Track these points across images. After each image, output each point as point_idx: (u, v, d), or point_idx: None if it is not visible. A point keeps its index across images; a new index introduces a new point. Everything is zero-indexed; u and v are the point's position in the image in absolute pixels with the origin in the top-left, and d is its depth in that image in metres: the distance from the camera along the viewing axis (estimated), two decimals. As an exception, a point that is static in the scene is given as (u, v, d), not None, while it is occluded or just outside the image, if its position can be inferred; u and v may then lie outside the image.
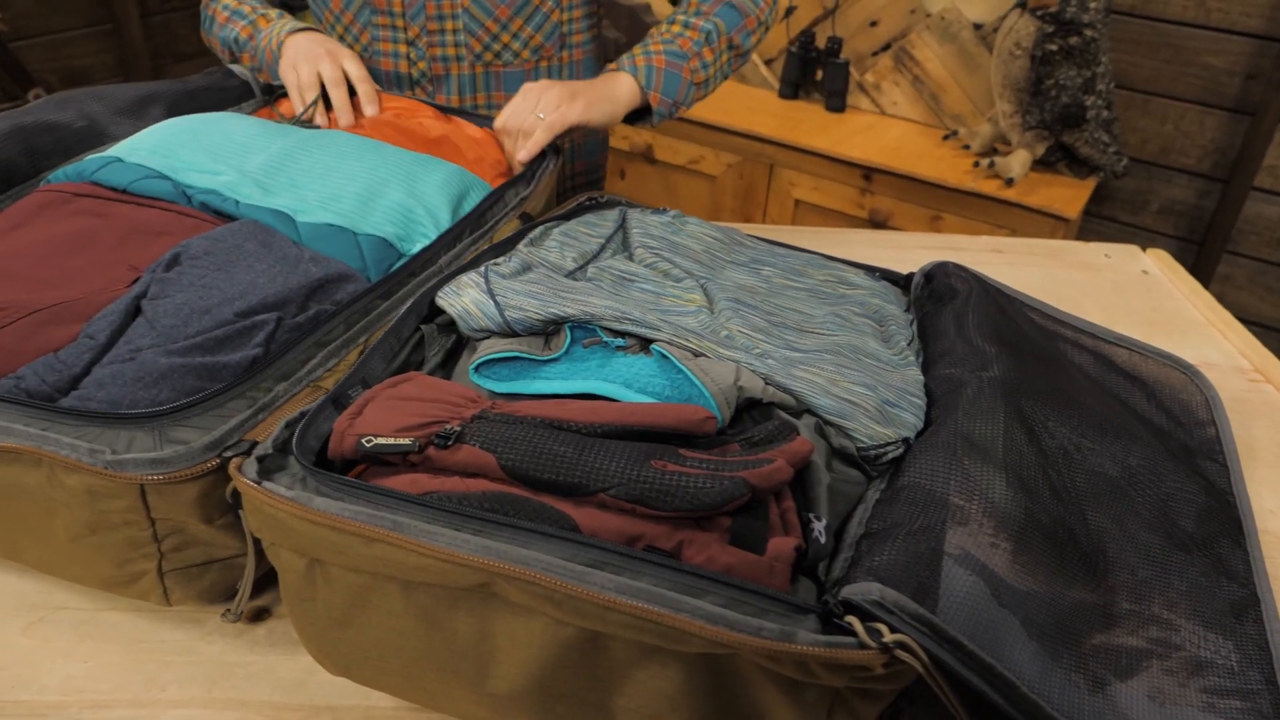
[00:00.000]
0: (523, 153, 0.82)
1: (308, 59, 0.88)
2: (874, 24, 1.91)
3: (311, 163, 0.73)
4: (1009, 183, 1.62)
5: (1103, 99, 1.56)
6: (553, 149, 0.85)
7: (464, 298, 0.59)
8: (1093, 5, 1.48)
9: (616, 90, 0.89)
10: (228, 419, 0.50)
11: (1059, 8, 1.49)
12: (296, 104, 0.88)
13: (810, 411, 0.53)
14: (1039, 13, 1.51)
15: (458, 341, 0.61)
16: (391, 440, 0.46)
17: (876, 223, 1.79)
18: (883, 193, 1.76)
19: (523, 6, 0.94)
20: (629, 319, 0.57)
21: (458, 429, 0.47)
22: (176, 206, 0.68)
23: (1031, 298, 0.78)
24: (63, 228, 0.65)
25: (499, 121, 0.85)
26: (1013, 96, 1.60)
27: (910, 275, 0.79)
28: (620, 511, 0.43)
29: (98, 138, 0.77)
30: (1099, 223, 1.95)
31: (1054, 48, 1.49)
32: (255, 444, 0.48)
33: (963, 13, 1.77)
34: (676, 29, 0.94)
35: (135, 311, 0.56)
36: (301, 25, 0.93)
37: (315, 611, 0.46)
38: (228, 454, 0.48)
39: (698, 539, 0.42)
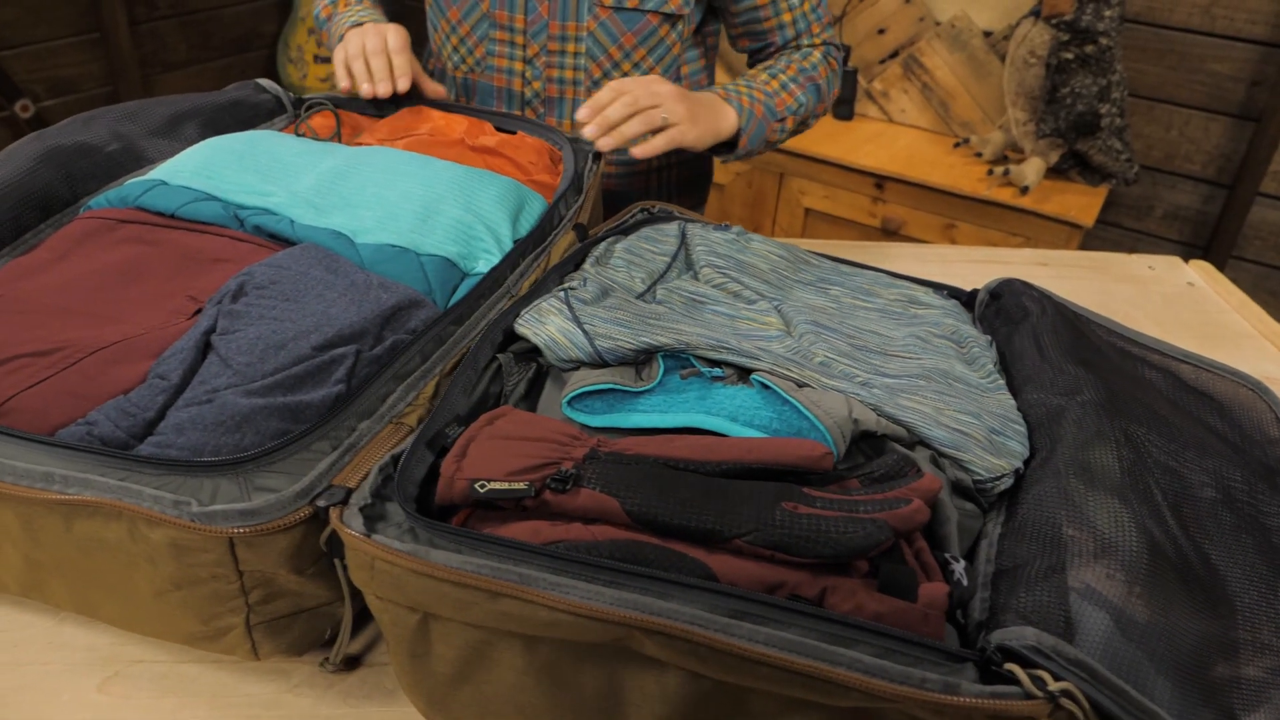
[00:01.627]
0: (639, 149, 0.79)
1: (356, 35, 0.88)
2: (882, 31, 1.91)
3: (363, 181, 0.70)
4: (1024, 191, 1.62)
5: (1116, 107, 1.57)
6: (595, 154, 0.82)
7: (548, 326, 0.57)
8: (1108, 13, 1.49)
9: (722, 125, 0.87)
10: (314, 463, 0.47)
11: (1074, 16, 1.49)
12: (341, 76, 0.88)
13: (923, 443, 0.52)
14: (1054, 21, 1.51)
15: (538, 370, 0.59)
16: (505, 485, 0.44)
17: (889, 231, 1.79)
18: (895, 201, 1.76)
19: (648, 36, 0.93)
20: (725, 348, 0.55)
21: (573, 471, 0.44)
22: (229, 231, 0.65)
23: (1095, 313, 0.77)
24: (111, 257, 0.62)
25: (616, 82, 0.81)
26: (1026, 104, 1.60)
27: (973, 292, 0.78)
28: (757, 558, 0.41)
29: (134, 160, 0.74)
30: (1103, 229, 1.96)
31: (1070, 56, 1.50)
32: (350, 491, 0.45)
33: (973, 20, 1.77)
34: (776, 85, 0.93)
35: (205, 347, 0.53)
36: (365, 18, 0.93)
37: (428, 667, 0.44)
38: (321, 502, 0.45)
39: (842, 585, 0.41)
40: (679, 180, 1.08)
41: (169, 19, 2.44)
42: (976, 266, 0.96)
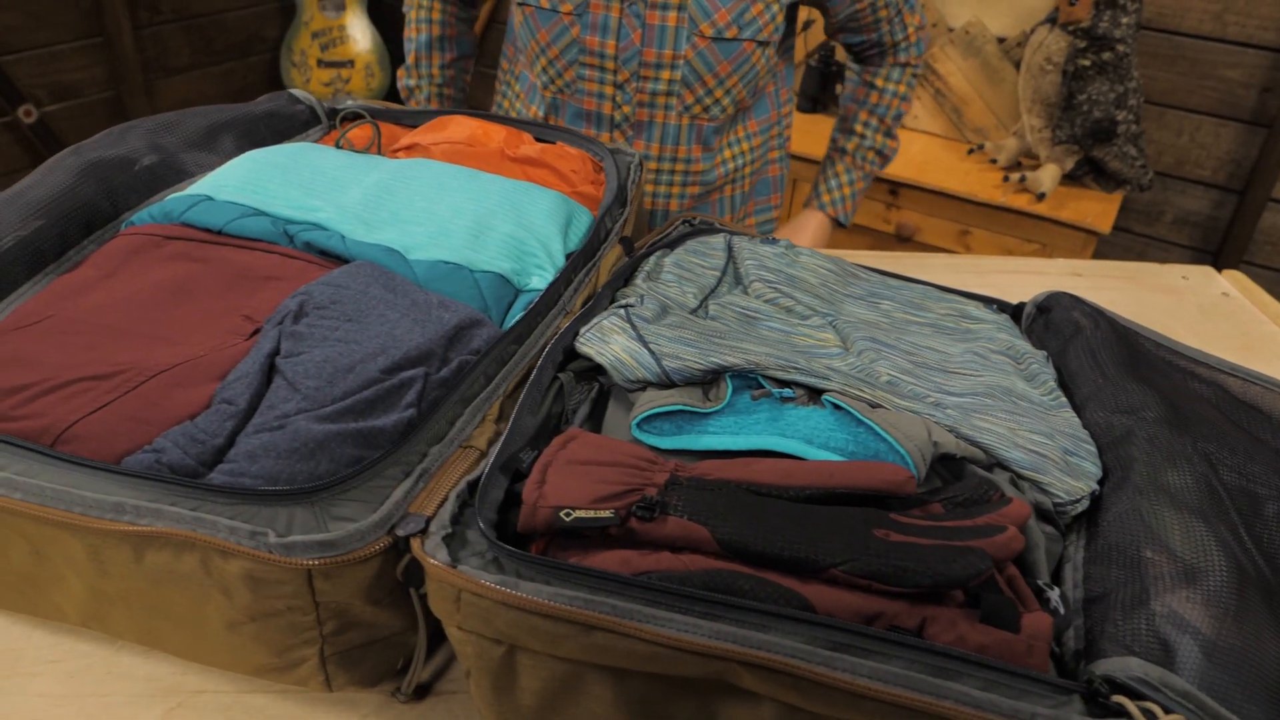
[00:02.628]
0: None
1: None
2: (894, 38, 1.91)
3: (411, 195, 0.69)
4: (1040, 197, 1.62)
5: (1133, 114, 1.57)
6: (639, 166, 0.82)
7: (613, 345, 0.56)
8: (1125, 20, 1.49)
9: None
10: (389, 490, 0.46)
11: (1091, 23, 1.49)
12: None
13: (1001, 465, 0.51)
14: (1070, 28, 1.51)
15: (599, 390, 0.58)
16: (591, 513, 0.43)
17: (903, 238, 1.79)
18: (910, 207, 1.76)
19: (741, 63, 0.94)
20: (795, 368, 0.54)
21: (658, 498, 0.44)
22: (279, 248, 0.64)
23: (1141, 326, 0.77)
24: (160, 274, 0.61)
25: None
26: (1042, 111, 1.60)
27: (1019, 305, 0.77)
28: (852, 588, 0.41)
29: (174, 174, 0.73)
30: (1113, 234, 1.97)
31: (1087, 63, 1.50)
32: (428, 520, 0.45)
33: (987, 26, 1.77)
34: (873, 155, 1.10)
35: (269, 370, 0.51)
36: None
37: (512, 700, 0.43)
38: (400, 532, 0.44)
39: (942, 616, 0.40)
40: (751, 195, 1.10)
41: (171, 23, 2.42)
42: (1011, 278, 0.95)
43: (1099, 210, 1.64)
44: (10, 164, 2.15)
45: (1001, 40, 1.80)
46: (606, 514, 0.43)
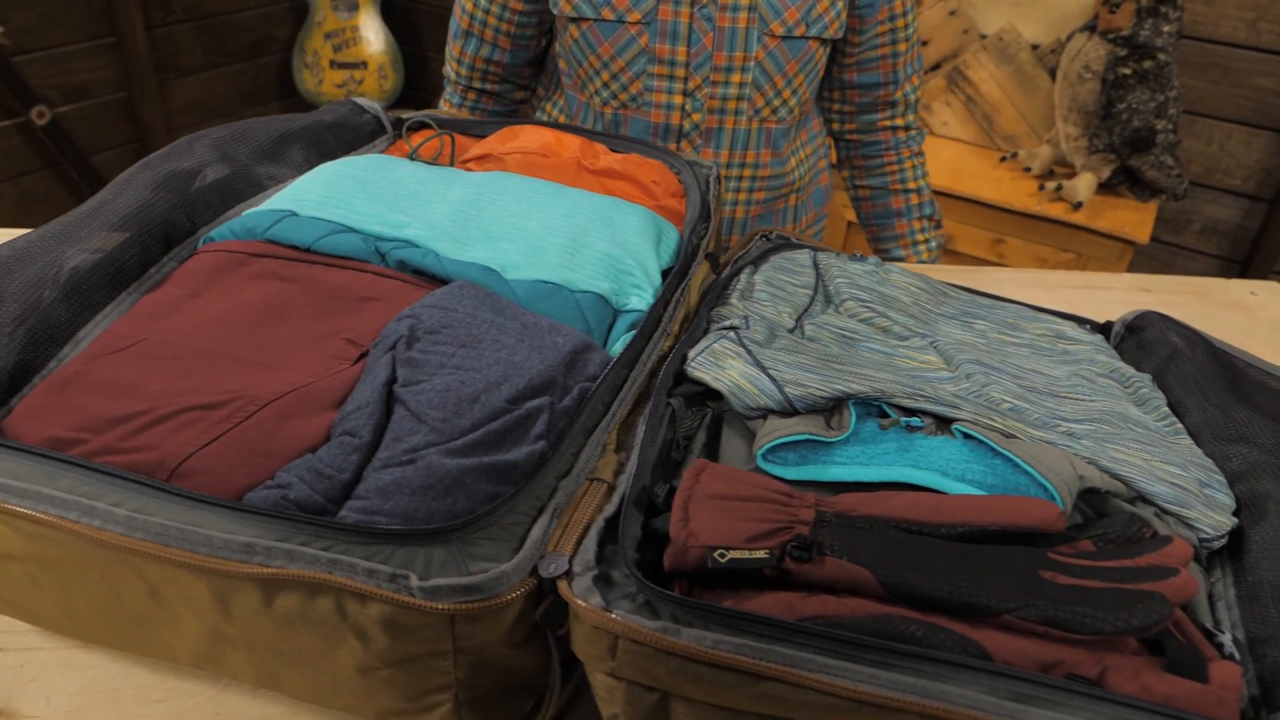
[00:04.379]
0: None
1: None
2: (924, 43, 1.90)
3: (499, 211, 0.67)
4: (1077, 206, 1.62)
5: (1171, 123, 1.56)
6: (717, 178, 0.80)
7: (729, 371, 0.54)
8: (1166, 29, 1.49)
9: None
10: (524, 528, 0.44)
11: (1132, 31, 1.49)
12: None
13: (1143, 499, 0.50)
14: (1110, 36, 1.50)
15: (715, 417, 0.56)
16: (746, 553, 0.41)
17: (935, 244, 1.78)
18: (942, 215, 1.75)
19: (807, 62, 0.94)
20: (923, 395, 0.53)
21: (813, 537, 0.42)
22: (371, 266, 0.62)
23: (1232, 346, 0.76)
24: (249, 295, 0.58)
25: None
26: (1079, 119, 1.60)
27: (1106, 324, 0.76)
28: (1029, 634, 0.39)
29: (250, 186, 0.70)
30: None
31: (1128, 71, 1.49)
32: (570, 559, 0.43)
33: (1021, 33, 1.76)
34: (928, 251, 1.14)
35: (387, 399, 0.50)
36: None
37: (666, 751, 0.41)
38: (544, 574, 0.42)
39: (1123, 664, 0.38)
40: (810, 204, 1.09)
41: (184, 23, 2.39)
42: (1079, 293, 0.94)
43: (1136, 220, 1.63)
44: (23, 165, 2.11)
45: (1035, 47, 1.79)
46: (761, 554, 0.41)
